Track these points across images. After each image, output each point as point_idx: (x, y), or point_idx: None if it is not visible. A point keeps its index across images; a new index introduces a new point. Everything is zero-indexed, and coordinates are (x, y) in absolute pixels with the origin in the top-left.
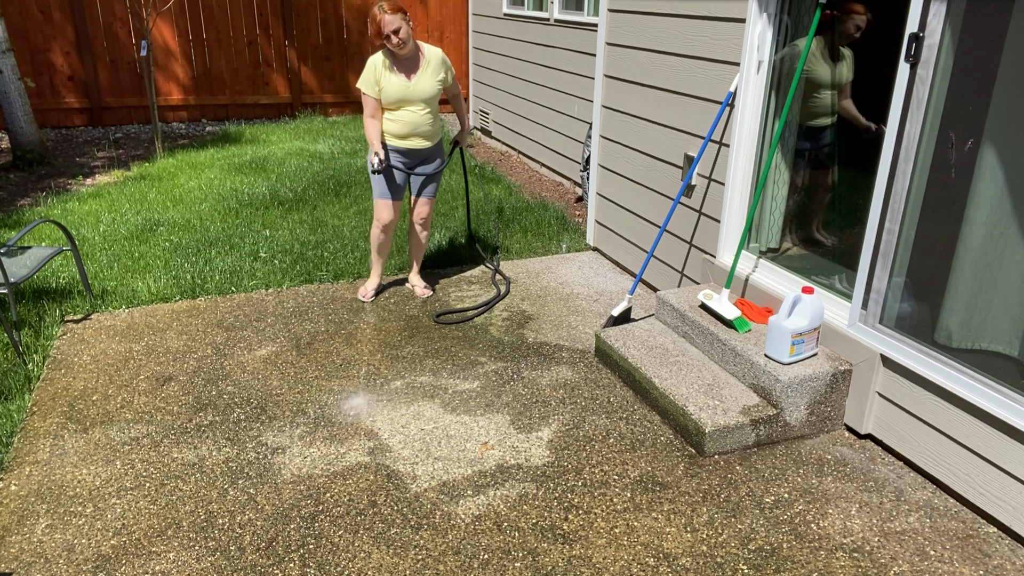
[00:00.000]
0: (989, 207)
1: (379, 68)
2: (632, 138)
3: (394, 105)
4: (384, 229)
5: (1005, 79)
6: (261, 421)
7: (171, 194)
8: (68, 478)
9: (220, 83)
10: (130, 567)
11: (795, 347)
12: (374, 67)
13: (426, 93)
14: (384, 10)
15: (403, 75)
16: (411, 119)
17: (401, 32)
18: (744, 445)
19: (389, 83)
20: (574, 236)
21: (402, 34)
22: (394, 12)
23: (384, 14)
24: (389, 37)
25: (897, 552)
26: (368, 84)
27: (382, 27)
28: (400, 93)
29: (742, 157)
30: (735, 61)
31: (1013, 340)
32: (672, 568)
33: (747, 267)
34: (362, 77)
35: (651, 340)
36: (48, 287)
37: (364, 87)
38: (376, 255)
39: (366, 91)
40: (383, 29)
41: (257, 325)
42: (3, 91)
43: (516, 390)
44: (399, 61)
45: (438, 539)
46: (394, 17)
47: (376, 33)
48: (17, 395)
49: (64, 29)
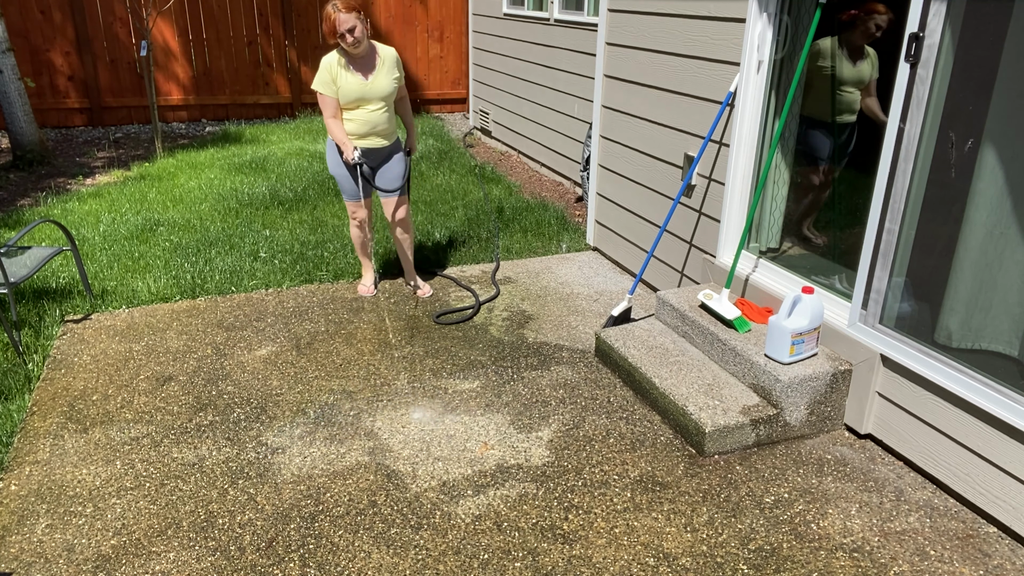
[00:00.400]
0: (989, 207)
1: (335, 67)
2: (632, 138)
3: (352, 104)
4: (360, 226)
5: (1005, 79)
6: (261, 421)
7: (171, 194)
8: (68, 478)
9: (220, 83)
10: (130, 567)
11: (795, 347)
12: (329, 67)
13: (384, 91)
14: (338, 8)
15: (360, 74)
16: (369, 118)
17: (356, 31)
18: (744, 445)
19: (346, 82)
20: (574, 236)
21: (357, 33)
22: (349, 11)
23: (339, 13)
24: (344, 36)
25: (897, 552)
26: (325, 84)
27: (337, 26)
28: (358, 92)
29: (742, 157)
30: (735, 61)
31: (1013, 340)
32: (672, 568)
33: (747, 267)
34: (317, 78)
35: (651, 340)
36: (48, 287)
37: (321, 87)
38: (361, 253)
39: (323, 91)
40: (338, 28)
41: (257, 325)
42: (3, 91)
43: (516, 390)
44: (354, 60)
45: (438, 539)
46: (349, 16)
47: (331, 32)
48: (17, 395)
49: (64, 29)
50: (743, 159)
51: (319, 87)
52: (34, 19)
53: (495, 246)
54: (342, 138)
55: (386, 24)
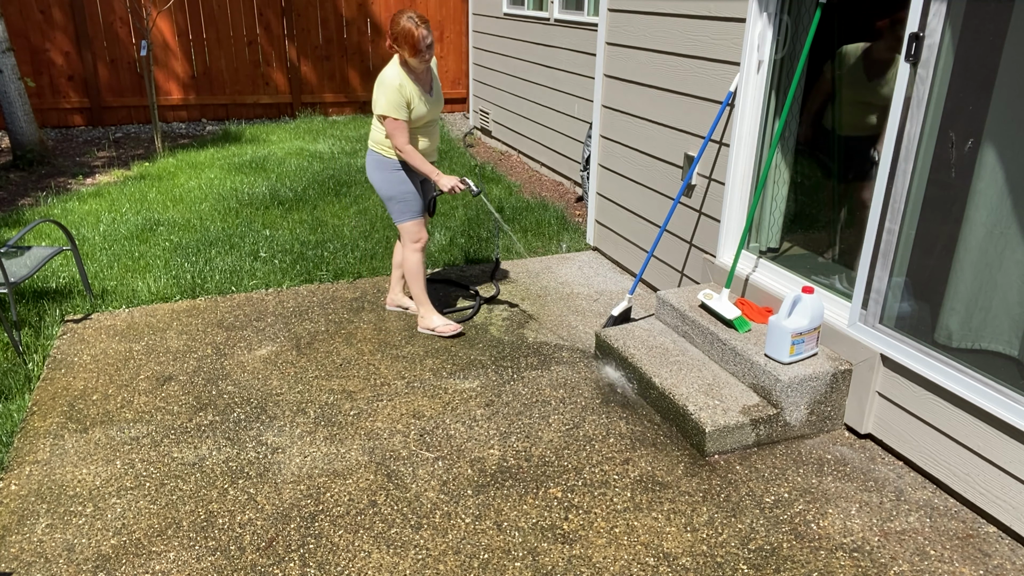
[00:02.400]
0: (989, 207)
1: (406, 87)
2: (632, 138)
3: (420, 122)
4: (423, 249)
5: (1005, 79)
6: (261, 421)
7: (171, 194)
8: (68, 478)
9: (220, 82)
10: (130, 567)
11: (795, 347)
12: (400, 88)
13: (442, 102)
14: (417, 22)
15: (422, 89)
16: (431, 132)
17: (432, 47)
18: (744, 445)
19: (418, 102)
20: (574, 236)
21: (432, 49)
22: (427, 26)
23: (420, 28)
24: (423, 52)
25: (897, 552)
26: (399, 108)
27: (419, 42)
28: (427, 109)
29: (742, 157)
30: (735, 61)
31: (1013, 340)
32: (672, 568)
33: (747, 267)
34: (388, 101)
35: (651, 340)
36: (48, 287)
37: (396, 112)
38: (423, 282)
39: (398, 116)
40: (420, 44)
41: (257, 325)
42: (3, 91)
43: (516, 390)
44: (416, 74)
45: (438, 539)
46: (429, 32)
47: (412, 48)
48: (17, 395)
49: (64, 28)
50: (743, 159)
51: (393, 112)
52: (34, 19)
53: (495, 246)
54: (432, 170)
55: (386, 24)
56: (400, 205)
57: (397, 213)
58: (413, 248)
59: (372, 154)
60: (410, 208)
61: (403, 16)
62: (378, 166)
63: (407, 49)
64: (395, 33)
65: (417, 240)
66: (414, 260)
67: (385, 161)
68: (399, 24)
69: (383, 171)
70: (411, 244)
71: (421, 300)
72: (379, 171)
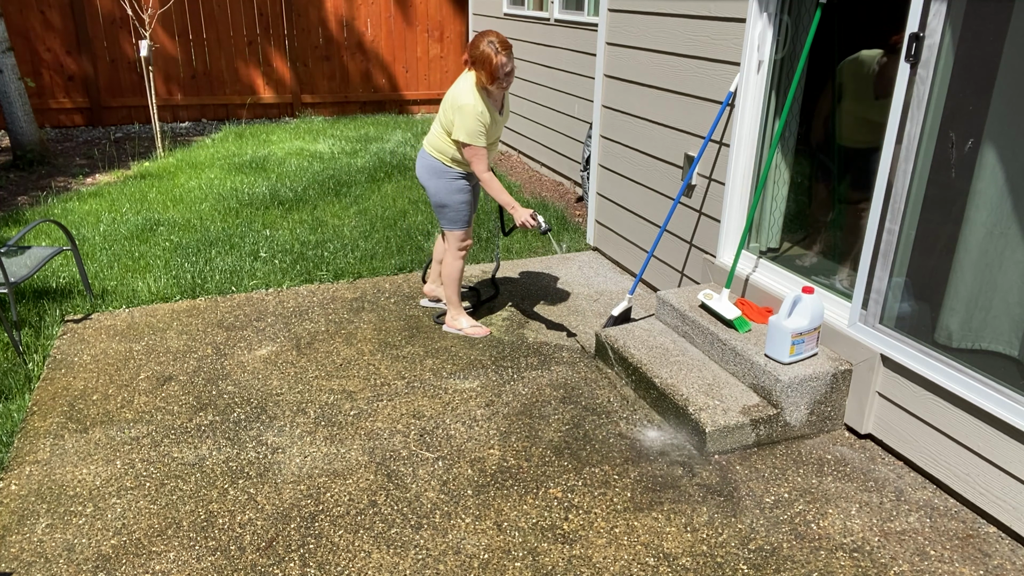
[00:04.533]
0: (989, 207)
1: (486, 114)
2: (632, 138)
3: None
4: (465, 256)
5: (1005, 79)
6: (261, 421)
7: (171, 194)
8: (68, 478)
9: (220, 83)
10: (130, 567)
11: (795, 347)
12: (481, 115)
13: (508, 117)
14: (498, 49)
15: (495, 109)
16: (496, 145)
17: (511, 74)
18: (744, 445)
19: (492, 127)
20: (574, 236)
21: (511, 76)
22: (508, 52)
23: (500, 55)
24: (501, 80)
25: (897, 552)
26: (479, 135)
27: (498, 71)
28: (497, 132)
29: (742, 157)
30: (735, 61)
31: (1013, 340)
32: (672, 568)
33: (747, 267)
34: (468, 130)
35: (651, 340)
36: (48, 287)
37: (476, 140)
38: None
39: (478, 143)
40: (498, 72)
41: (257, 325)
42: (3, 91)
43: (516, 390)
44: (492, 97)
45: (438, 539)
46: (510, 59)
47: (490, 76)
48: (17, 395)
49: (64, 28)
50: (743, 159)
51: (474, 140)
52: (34, 19)
53: (495, 246)
54: (509, 200)
55: (386, 24)
56: (453, 214)
57: (448, 221)
58: (457, 254)
59: (430, 159)
60: (461, 217)
61: (484, 40)
62: (437, 173)
63: (485, 75)
64: (473, 57)
65: (463, 247)
66: (457, 266)
67: (446, 170)
68: (479, 48)
69: (441, 179)
70: (457, 250)
71: (453, 302)
72: (437, 178)
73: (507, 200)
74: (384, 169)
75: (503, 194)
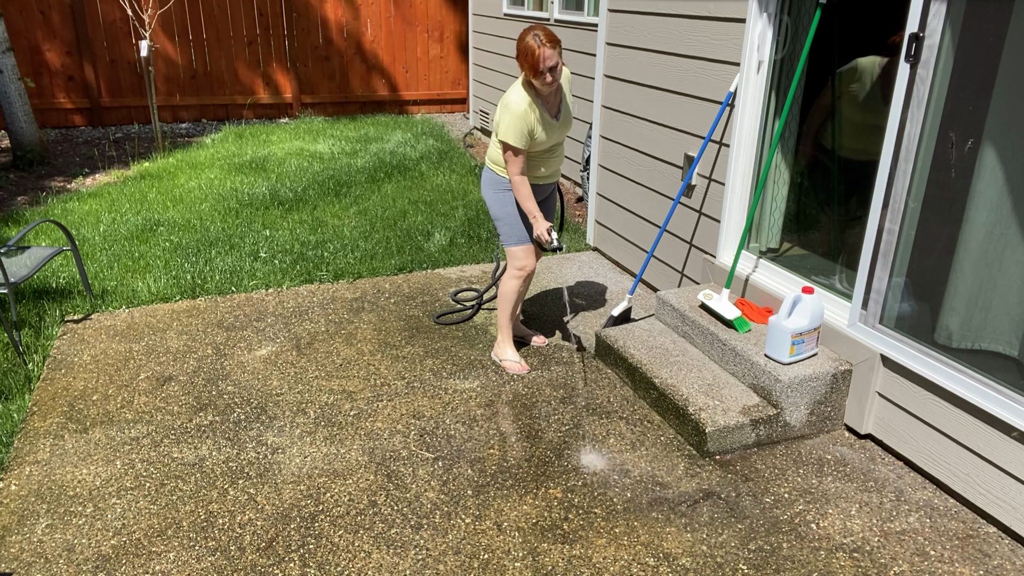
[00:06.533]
0: (989, 207)
1: (530, 115)
2: (632, 138)
3: (540, 148)
4: (526, 280)
5: (1005, 79)
6: (261, 421)
7: (171, 194)
8: (68, 478)
9: (220, 83)
10: (130, 567)
11: (795, 347)
12: (524, 115)
13: (571, 126)
14: (542, 42)
15: (548, 114)
16: (551, 159)
17: (556, 70)
18: (744, 445)
19: (540, 131)
20: (574, 236)
21: (557, 72)
22: (553, 45)
23: (543, 47)
24: (543, 74)
25: (897, 552)
26: (520, 136)
27: (540, 63)
28: (549, 136)
29: (742, 157)
30: (735, 61)
31: (1013, 340)
32: (672, 568)
33: (747, 267)
34: (508, 127)
35: (651, 340)
36: (48, 287)
37: (518, 142)
38: (512, 315)
39: (517, 144)
40: (540, 65)
41: (257, 325)
42: (3, 91)
43: (516, 390)
44: (544, 98)
45: (438, 539)
46: (554, 52)
47: (531, 69)
48: (17, 395)
49: (64, 29)
50: (743, 159)
51: (512, 139)
52: (34, 19)
53: (495, 246)
54: (535, 210)
55: (386, 24)
56: (507, 227)
57: (504, 235)
58: (514, 274)
59: (487, 171)
60: (516, 231)
61: (529, 33)
62: (491, 184)
63: (527, 69)
64: (517, 51)
65: (521, 268)
66: (511, 287)
67: (499, 180)
68: (523, 41)
69: (495, 190)
70: (514, 270)
71: (503, 326)
72: (491, 189)
73: (530, 208)
74: (384, 169)
75: (528, 201)
